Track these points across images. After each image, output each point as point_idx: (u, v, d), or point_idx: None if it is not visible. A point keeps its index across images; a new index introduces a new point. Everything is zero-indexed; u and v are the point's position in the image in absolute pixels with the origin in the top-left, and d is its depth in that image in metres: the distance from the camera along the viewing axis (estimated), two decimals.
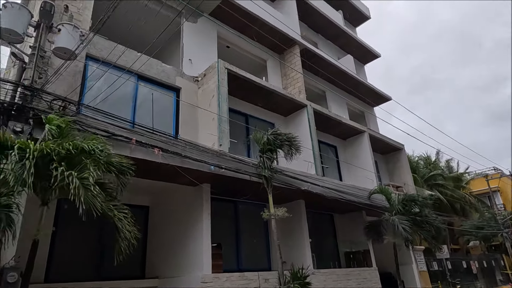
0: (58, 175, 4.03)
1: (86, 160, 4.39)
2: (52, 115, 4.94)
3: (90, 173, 4.19)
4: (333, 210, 13.05)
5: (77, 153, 4.40)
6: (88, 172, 4.21)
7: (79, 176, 4.12)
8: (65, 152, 4.31)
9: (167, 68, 9.50)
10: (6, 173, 4.12)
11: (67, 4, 7.61)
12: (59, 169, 4.08)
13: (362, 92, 17.86)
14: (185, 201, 8.53)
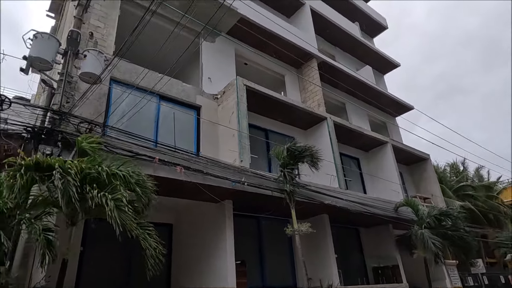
0: (92, 196, 4.16)
1: (115, 182, 4.51)
2: (80, 137, 5.14)
3: (122, 195, 4.32)
4: (358, 224, 12.72)
5: (108, 175, 4.54)
6: (121, 193, 4.33)
7: (112, 197, 4.25)
8: (97, 173, 4.45)
9: (187, 87, 9.73)
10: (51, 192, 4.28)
11: (92, 31, 8.00)
12: (93, 191, 4.21)
13: (382, 102, 17.59)
14: (208, 218, 8.55)
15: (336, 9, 17.89)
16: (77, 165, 4.34)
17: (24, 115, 6.70)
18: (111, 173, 4.65)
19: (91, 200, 4.17)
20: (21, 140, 5.50)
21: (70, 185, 4.03)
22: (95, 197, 4.17)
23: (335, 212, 10.03)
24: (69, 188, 4.01)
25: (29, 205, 4.80)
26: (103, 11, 8.78)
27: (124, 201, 4.28)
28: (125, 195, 4.37)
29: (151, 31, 9.47)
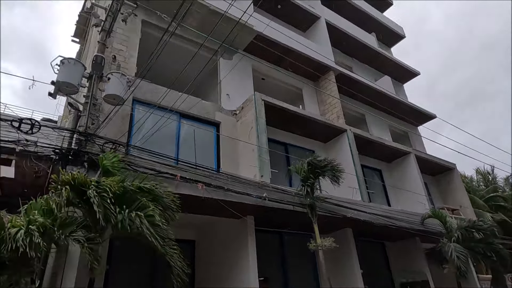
0: (124, 214, 4.26)
1: (142, 198, 4.61)
2: (102, 156, 5.30)
3: (154, 210, 4.41)
4: (384, 238, 12.35)
5: (134, 191, 4.65)
6: (152, 209, 4.43)
7: (145, 214, 4.36)
8: (123, 189, 4.57)
9: (207, 105, 9.90)
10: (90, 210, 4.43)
11: (114, 55, 8.33)
12: (124, 211, 4.32)
13: (403, 112, 17.28)
14: (230, 234, 8.52)
15: (351, 21, 17.91)
16: (110, 184, 4.46)
17: (51, 137, 6.99)
18: (136, 187, 4.76)
19: (123, 220, 4.28)
20: (49, 162, 5.71)
21: (105, 203, 4.16)
22: (125, 217, 4.27)
23: (359, 226, 9.80)
24: (104, 205, 4.13)
25: (58, 224, 4.95)
26: (125, 34, 9.14)
27: (157, 217, 4.37)
28: (156, 211, 4.47)
29: (170, 51, 9.77)
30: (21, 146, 5.47)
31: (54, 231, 4.50)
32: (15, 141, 5.51)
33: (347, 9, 18.45)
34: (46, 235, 4.50)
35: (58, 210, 4.55)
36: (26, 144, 5.39)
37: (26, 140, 5.43)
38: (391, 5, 23.14)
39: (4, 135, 5.75)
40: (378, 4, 21.88)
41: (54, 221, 4.60)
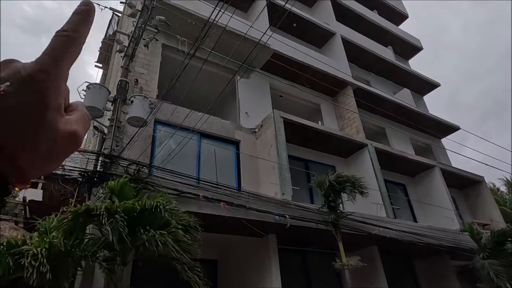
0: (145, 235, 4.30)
1: (164, 217, 4.65)
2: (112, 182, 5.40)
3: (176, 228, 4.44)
4: (412, 256, 11.87)
5: (153, 212, 4.70)
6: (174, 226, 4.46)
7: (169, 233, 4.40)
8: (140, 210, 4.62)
9: (226, 124, 10.00)
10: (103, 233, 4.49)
11: (137, 78, 8.59)
12: (149, 232, 4.36)
13: (425, 124, 16.89)
14: (253, 253, 8.41)
15: (367, 35, 17.93)
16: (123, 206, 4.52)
17: (76, 159, 7.19)
18: (154, 207, 4.79)
19: (147, 242, 4.31)
20: (76, 184, 5.86)
21: (118, 225, 4.20)
22: (151, 237, 4.30)
23: (385, 243, 9.48)
24: (118, 228, 4.16)
25: (83, 246, 5.03)
26: (147, 59, 9.45)
27: (181, 233, 4.39)
28: (179, 228, 4.49)
29: (189, 72, 10.02)
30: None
31: (74, 252, 4.58)
32: None
33: (362, 24, 18.51)
34: (67, 257, 4.58)
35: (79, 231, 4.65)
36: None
37: None
38: (407, 18, 23.07)
39: None
40: (394, 17, 21.88)
41: (74, 243, 4.70)
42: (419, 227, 10.64)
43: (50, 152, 0.40)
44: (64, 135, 0.41)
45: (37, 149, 0.39)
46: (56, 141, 0.40)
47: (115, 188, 5.18)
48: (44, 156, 0.40)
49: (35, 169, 0.41)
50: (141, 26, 7.28)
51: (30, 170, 0.39)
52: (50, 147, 0.40)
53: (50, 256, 4.39)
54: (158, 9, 7.98)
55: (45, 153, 0.40)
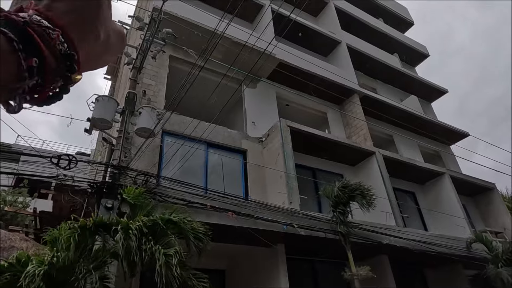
0: (146, 248, 4.30)
1: (170, 232, 4.65)
2: (128, 189, 5.43)
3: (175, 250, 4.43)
4: (423, 265, 11.66)
5: (163, 223, 4.71)
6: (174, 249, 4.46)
7: (165, 252, 4.37)
8: (152, 224, 4.64)
9: (233, 133, 10.04)
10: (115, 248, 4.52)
11: (145, 90, 8.72)
12: (148, 243, 4.36)
13: (433, 131, 16.74)
14: (261, 263, 8.35)
15: (373, 43, 17.96)
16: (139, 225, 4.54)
17: (86, 170, 7.27)
18: (165, 221, 4.82)
19: (144, 252, 4.31)
20: (85, 195, 5.92)
21: (131, 240, 4.21)
22: (148, 250, 4.30)
23: (395, 253, 9.34)
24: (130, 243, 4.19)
25: (92, 257, 5.05)
26: (154, 70, 9.60)
27: (175, 261, 4.35)
28: (178, 250, 4.46)
29: (196, 83, 10.13)
30: (59, 181, 5.72)
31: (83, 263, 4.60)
32: (53, 176, 5.77)
33: (367, 32, 18.56)
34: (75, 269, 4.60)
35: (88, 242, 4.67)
36: (64, 179, 5.63)
37: (64, 175, 5.68)
38: (412, 25, 23.07)
39: (43, 171, 6.05)
40: (399, 25, 21.90)
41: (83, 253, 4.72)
42: (429, 235, 10.47)
43: (104, 45, 0.47)
44: (115, 32, 0.48)
45: (97, 38, 0.45)
46: (109, 36, 0.47)
47: (129, 199, 5.22)
48: (99, 48, 0.46)
49: (91, 61, 0.46)
50: (148, 38, 7.41)
51: (87, 60, 0.45)
52: (105, 41, 0.46)
53: (54, 270, 4.41)
54: (165, 21, 8.12)
55: (101, 46, 0.46)
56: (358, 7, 19.05)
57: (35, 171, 6.11)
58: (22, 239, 7.27)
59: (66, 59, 0.40)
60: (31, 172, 6.11)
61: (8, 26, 0.36)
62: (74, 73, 0.42)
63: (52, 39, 0.38)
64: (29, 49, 0.36)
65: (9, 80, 0.35)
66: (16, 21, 0.37)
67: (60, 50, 0.39)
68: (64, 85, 0.42)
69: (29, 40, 0.37)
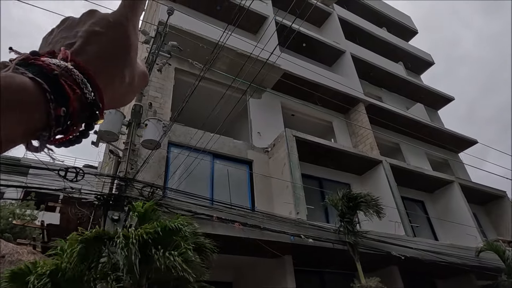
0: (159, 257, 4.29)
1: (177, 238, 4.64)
2: (137, 203, 5.42)
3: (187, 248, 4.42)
4: (434, 275, 11.40)
5: (166, 233, 4.69)
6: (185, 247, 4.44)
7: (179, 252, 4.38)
8: (154, 233, 4.62)
9: (238, 144, 10.05)
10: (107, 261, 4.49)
11: (151, 102, 8.80)
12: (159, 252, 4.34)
13: (440, 139, 16.59)
14: (268, 275, 8.24)
15: (377, 52, 18.02)
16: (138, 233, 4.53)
17: (93, 182, 7.31)
18: (169, 228, 4.80)
19: (158, 261, 4.28)
20: (92, 207, 5.94)
21: (131, 252, 4.20)
22: (160, 257, 4.28)
23: (406, 263, 9.15)
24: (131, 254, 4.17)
25: (99, 270, 5.03)
26: (160, 82, 9.70)
27: (190, 252, 4.35)
28: (190, 248, 4.45)
29: (201, 94, 10.22)
30: (67, 193, 5.75)
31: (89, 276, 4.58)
32: (61, 189, 5.81)
33: (371, 42, 18.64)
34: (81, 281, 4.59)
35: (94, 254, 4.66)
36: (71, 192, 5.66)
37: (71, 187, 5.71)
38: (416, 34, 23.14)
39: (51, 184, 6.10)
40: (403, 33, 21.98)
41: (90, 266, 4.70)
42: (440, 245, 10.27)
43: (129, 87, 0.48)
44: (139, 72, 0.50)
45: (123, 80, 0.46)
46: (134, 77, 0.48)
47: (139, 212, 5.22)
48: (123, 90, 0.47)
49: (113, 102, 0.48)
50: (154, 52, 7.52)
51: (109, 102, 0.45)
52: (130, 83, 0.47)
53: (62, 281, 4.41)
54: (170, 35, 8.24)
55: (125, 88, 0.47)
56: (362, 17, 19.20)
57: (43, 184, 6.16)
58: (29, 252, 7.29)
59: (92, 107, 0.41)
60: (39, 185, 6.16)
61: (41, 74, 0.37)
62: (97, 120, 0.43)
63: (80, 88, 0.39)
64: (58, 99, 0.37)
65: (37, 128, 0.36)
66: (48, 70, 0.38)
67: (87, 99, 0.40)
68: (85, 130, 0.43)
69: (59, 90, 0.38)
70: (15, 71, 0.36)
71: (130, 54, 0.47)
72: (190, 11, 12.52)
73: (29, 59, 0.39)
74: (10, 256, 6.76)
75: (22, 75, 0.36)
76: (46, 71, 0.38)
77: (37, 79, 0.36)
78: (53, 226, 8.10)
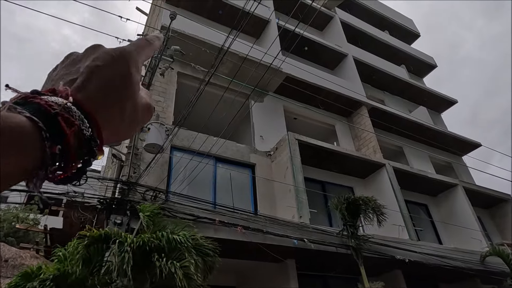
0: (160, 265, 4.26)
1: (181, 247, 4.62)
2: (145, 204, 5.42)
3: (190, 262, 4.38)
4: (438, 280, 11.31)
5: (169, 242, 4.67)
6: (188, 260, 4.40)
7: (181, 265, 4.33)
8: (158, 242, 4.61)
9: (241, 147, 10.05)
10: (109, 265, 4.48)
11: (154, 106, 8.82)
12: (161, 260, 4.32)
13: (444, 142, 16.51)
14: (271, 279, 8.20)
15: (379, 55, 18.02)
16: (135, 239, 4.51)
17: (95, 186, 7.32)
18: (171, 238, 4.79)
19: (159, 269, 4.25)
20: (95, 211, 5.95)
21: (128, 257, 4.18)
22: (163, 266, 4.25)
23: (410, 267, 9.08)
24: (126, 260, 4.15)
25: (102, 273, 5.03)
26: (163, 87, 9.74)
27: (192, 269, 4.30)
28: (192, 262, 4.41)
29: (203, 98, 10.23)
30: (70, 197, 5.76)
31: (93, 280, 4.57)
32: (64, 193, 5.82)
33: (373, 45, 18.64)
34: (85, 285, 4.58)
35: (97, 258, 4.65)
36: (74, 196, 5.68)
37: (74, 191, 5.73)
38: (419, 37, 23.12)
39: (54, 188, 6.11)
40: (405, 36, 21.97)
41: (93, 270, 4.69)
42: (444, 249, 10.19)
43: (131, 119, 0.47)
44: (143, 105, 0.49)
45: (123, 114, 0.46)
46: (136, 110, 0.48)
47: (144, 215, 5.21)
48: (124, 125, 0.47)
49: (113, 137, 0.47)
50: (157, 56, 7.56)
51: (109, 138, 0.45)
52: (132, 114, 0.47)
53: (65, 285, 4.40)
54: (173, 39, 8.28)
55: (127, 119, 0.47)
56: (364, 21, 19.22)
57: (46, 188, 6.18)
58: (32, 256, 7.30)
59: (90, 143, 0.40)
60: (42, 189, 6.17)
61: (38, 112, 0.37)
62: (95, 156, 0.42)
63: (77, 125, 0.39)
64: (54, 136, 0.37)
65: (34, 166, 0.36)
66: (46, 108, 0.38)
67: (85, 135, 0.39)
68: (83, 166, 0.42)
69: (55, 128, 0.37)
70: (12, 110, 0.36)
71: (131, 88, 0.46)
72: (193, 16, 12.58)
73: (28, 98, 0.38)
74: (13, 260, 6.77)
75: (19, 114, 0.36)
76: (44, 109, 0.37)
77: (33, 117, 0.36)
78: (56, 230, 8.11)
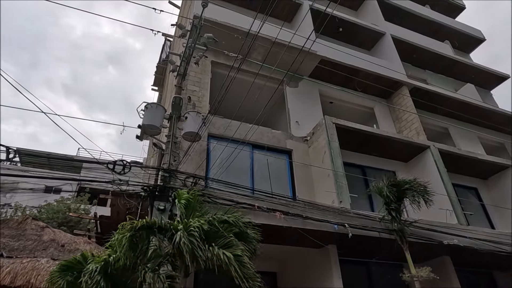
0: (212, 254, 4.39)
1: (230, 235, 4.71)
2: (181, 191, 5.53)
3: (241, 250, 4.46)
4: (491, 267, 10.66)
5: (218, 224, 4.77)
6: (240, 249, 4.50)
7: (233, 252, 4.48)
8: (209, 227, 4.72)
9: (277, 133, 9.98)
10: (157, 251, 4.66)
11: (189, 96, 8.98)
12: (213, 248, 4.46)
13: (495, 121, 15.33)
14: (312, 265, 8.15)
15: (420, 32, 16.99)
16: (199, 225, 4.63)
17: (139, 175, 7.61)
18: (221, 221, 4.88)
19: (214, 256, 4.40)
20: (139, 198, 6.18)
21: (194, 244, 4.33)
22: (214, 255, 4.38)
23: (459, 253, 8.63)
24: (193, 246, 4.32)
25: (147, 258, 5.22)
26: (197, 76, 9.86)
27: (247, 259, 4.41)
28: (243, 248, 4.50)
29: (238, 86, 10.22)
30: (116, 185, 6.03)
31: (140, 265, 4.74)
32: (110, 181, 6.10)
33: (413, 21, 17.60)
34: (132, 270, 4.76)
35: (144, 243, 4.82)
36: (120, 184, 5.93)
37: (120, 180, 5.98)
38: (464, 9, 21.47)
39: (101, 177, 6.43)
40: (448, 10, 20.52)
41: (139, 255, 4.87)
42: (497, 234, 9.55)
43: None
44: None
45: None
46: None
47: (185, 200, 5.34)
48: None
49: None
50: (191, 45, 7.62)
51: None
52: None
53: (112, 271, 4.61)
54: (205, 27, 8.30)
55: None
56: None
57: (94, 178, 6.52)
58: (85, 242, 7.78)
59: None
60: (91, 178, 6.54)
61: None
62: None
63: None
64: None
65: None
66: None
67: None
68: None
69: None
70: None
71: None
72: (224, 3, 12.53)
73: None
74: (69, 245, 7.27)
75: None
76: None
77: None
78: (105, 217, 8.58)
